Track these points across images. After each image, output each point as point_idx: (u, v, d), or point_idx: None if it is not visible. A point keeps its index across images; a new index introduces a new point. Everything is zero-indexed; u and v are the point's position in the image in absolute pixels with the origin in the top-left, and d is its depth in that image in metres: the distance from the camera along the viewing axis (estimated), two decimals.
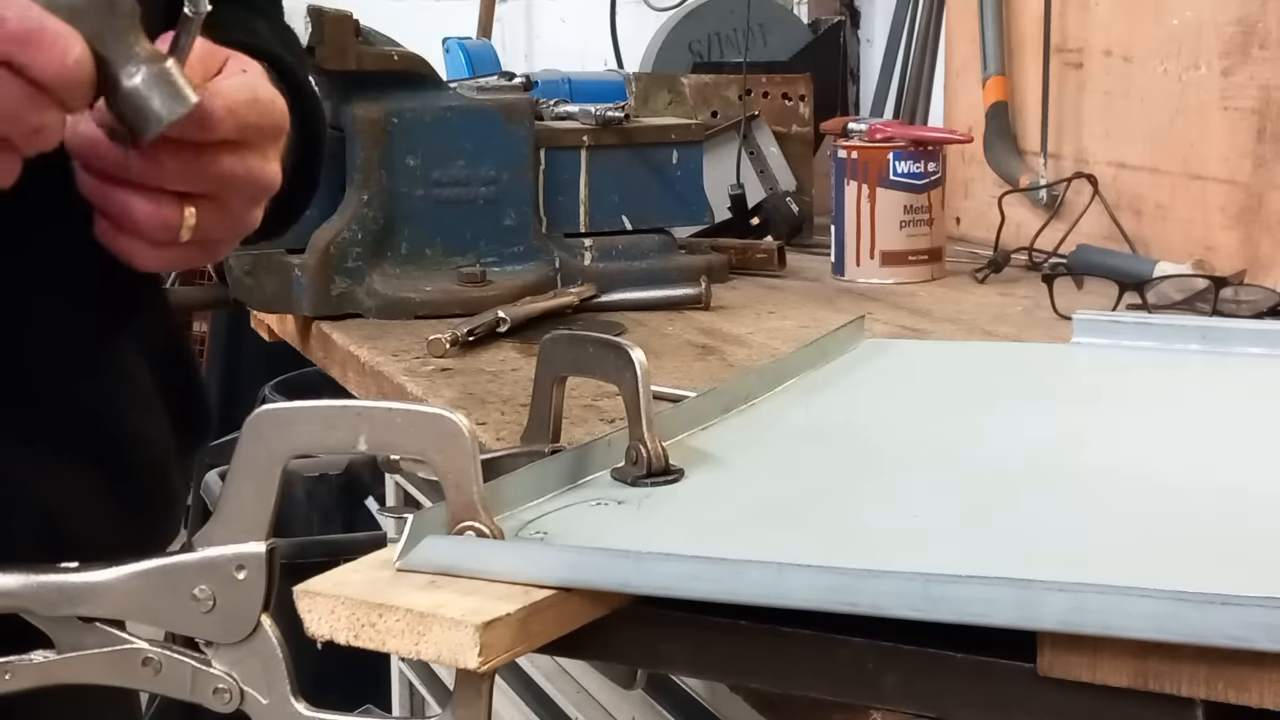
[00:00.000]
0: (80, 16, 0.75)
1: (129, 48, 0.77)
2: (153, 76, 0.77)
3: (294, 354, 1.83)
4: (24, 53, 0.73)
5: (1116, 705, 0.63)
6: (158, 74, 0.77)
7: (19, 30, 0.73)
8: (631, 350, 0.87)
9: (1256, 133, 1.72)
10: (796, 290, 1.82)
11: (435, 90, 1.71)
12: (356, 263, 1.65)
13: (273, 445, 0.71)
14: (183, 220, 0.82)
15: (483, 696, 0.68)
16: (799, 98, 2.20)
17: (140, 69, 0.77)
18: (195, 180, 0.82)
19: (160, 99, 0.77)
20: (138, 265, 0.84)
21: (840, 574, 0.66)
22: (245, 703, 0.71)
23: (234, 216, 0.85)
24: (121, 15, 0.77)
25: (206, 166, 0.82)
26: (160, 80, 0.77)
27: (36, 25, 0.73)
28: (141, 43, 0.77)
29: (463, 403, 1.30)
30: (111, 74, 0.77)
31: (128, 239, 0.83)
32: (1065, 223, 1.94)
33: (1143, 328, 1.17)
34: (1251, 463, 0.90)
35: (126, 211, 0.81)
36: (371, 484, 2.49)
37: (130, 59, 0.77)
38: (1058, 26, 2.05)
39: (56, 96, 0.74)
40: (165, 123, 0.77)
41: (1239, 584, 0.61)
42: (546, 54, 3.50)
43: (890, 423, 1.02)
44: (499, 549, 0.71)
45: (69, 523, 0.92)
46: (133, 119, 0.77)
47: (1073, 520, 0.81)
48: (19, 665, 0.73)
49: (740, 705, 0.94)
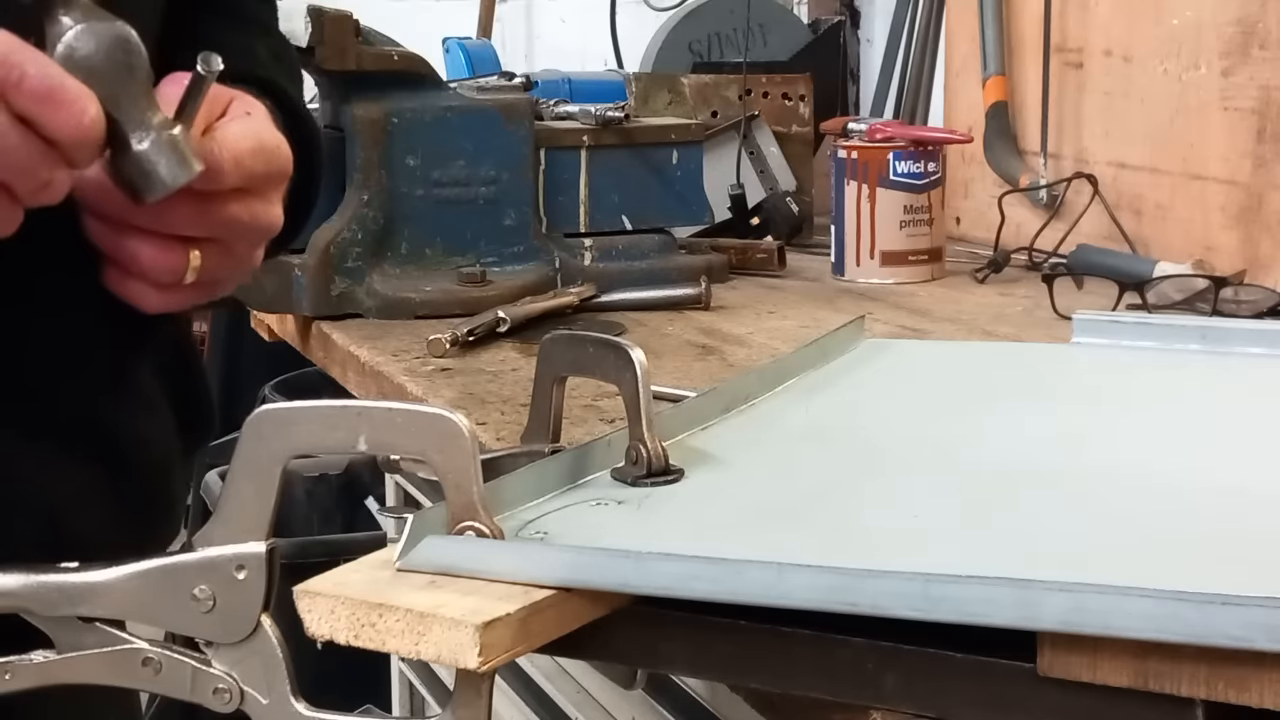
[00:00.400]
0: (97, 76, 0.77)
1: (141, 112, 0.78)
2: (161, 142, 0.79)
3: (294, 354, 1.83)
4: (43, 111, 0.74)
5: (1116, 705, 0.63)
6: (166, 141, 0.79)
7: (40, 88, 0.74)
8: (631, 350, 0.87)
9: (1256, 133, 1.72)
10: (796, 290, 1.82)
11: (435, 90, 1.71)
12: (356, 263, 1.65)
13: (273, 445, 0.71)
14: (188, 264, 0.84)
15: (483, 696, 0.68)
16: (799, 98, 2.20)
17: (150, 134, 0.78)
18: (200, 226, 0.84)
19: (166, 166, 0.79)
20: (143, 308, 0.86)
21: (840, 574, 0.66)
22: (245, 703, 0.71)
23: (237, 258, 0.88)
24: (136, 79, 0.78)
25: (213, 213, 0.84)
26: (168, 147, 0.79)
27: (58, 84, 0.74)
28: (153, 107, 0.79)
29: (463, 403, 1.29)
30: (121, 135, 0.78)
31: (134, 283, 0.85)
32: (1065, 223, 1.94)
33: (1143, 328, 1.17)
34: (1251, 463, 0.90)
35: (134, 257, 0.83)
36: (371, 484, 2.49)
37: (140, 124, 0.78)
38: (1058, 26, 2.05)
39: (67, 154, 0.76)
40: (168, 189, 0.79)
41: (1239, 584, 0.61)
42: (546, 54, 3.50)
43: (890, 423, 1.02)
44: (499, 549, 0.71)
45: (70, 522, 0.92)
46: (137, 181, 0.79)
47: (1073, 520, 0.81)
48: (19, 665, 0.73)
49: (740, 705, 0.94)
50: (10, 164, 0.74)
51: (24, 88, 0.73)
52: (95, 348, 0.94)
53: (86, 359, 0.94)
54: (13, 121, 0.74)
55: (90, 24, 0.77)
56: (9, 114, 0.74)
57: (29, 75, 0.74)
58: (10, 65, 0.73)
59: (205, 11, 1.00)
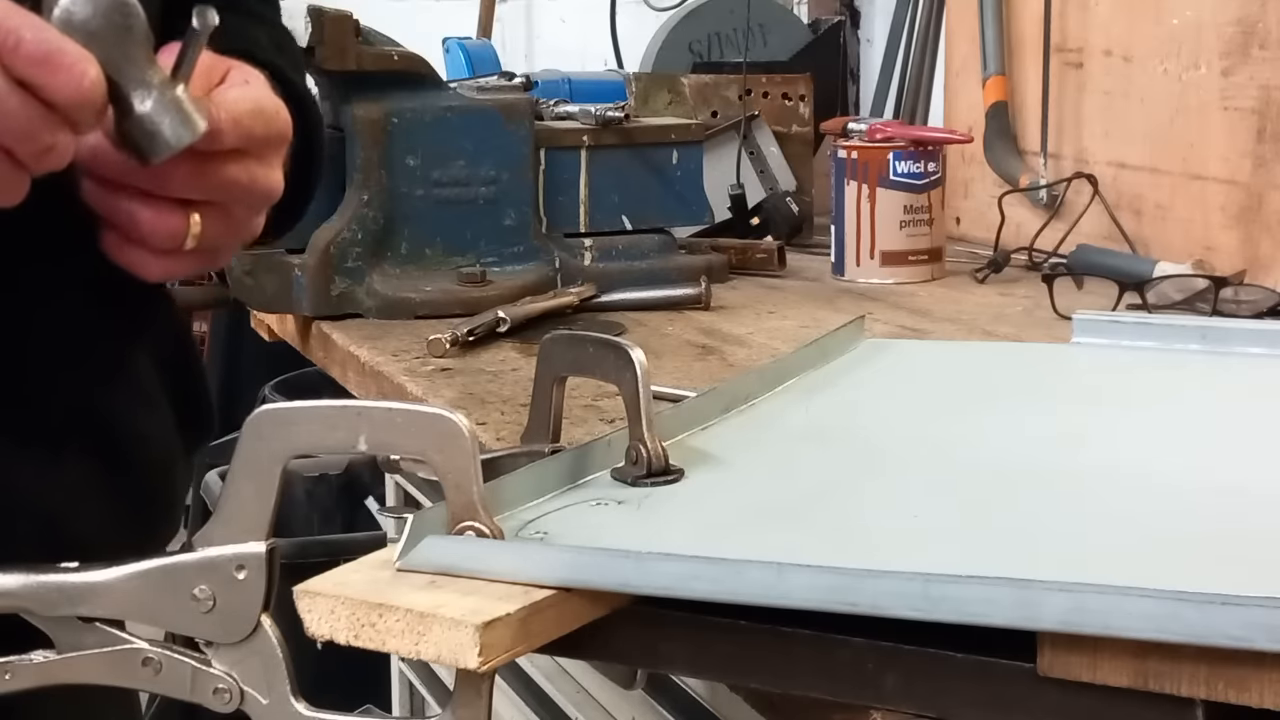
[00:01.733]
0: (96, 40, 0.76)
1: (141, 72, 0.78)
2: (164, 102, 0.78)
3: (294, 354, 1.83)
4: (41, 74, 0.74)
5: (1116, 705, 0.63)
6: (169, 100, 0.78)
7: (36, 52, 0.74)
8: (631, 350, 0.87)
9: (1256, 133, 1.72)
10: (796, 290, 1.82)
11: (435, 90, 1.71)
12: (356, 263, 1.65)
13: (273, 445, 0.71)
14: (188, 228, 0.83)
15: (483, 696, 0.68)
16: (799, 98, 2.20)
17: (152, 94, 0.78)
18: (200, 188, 0.83)
19: (170, 125, 0.78)
20: (143, 276, 0.85)
21: (840, 574, 0.66)
22: (245, 703, 0.71)
23: (237, 223, 0.87)
24: (136, 41, 0.78)
25: (211, 175, 0.83)
26: (171, 106, 0.78)
27: (55, 47, 0.74)
28: (154, 68, 0.79)
29: (463, 403, 1.30)
30: (123, 97, 0.78)
31: (134, 249, 0.84)
32: (1065, 223, 1.94)
33: (1143, 328, 1.17)
34: (1251, 463, 0.90)
35: (133, 220, 0.83)
36: (371, 484, 2.49)
37: (142, 84, 0.78)
38: (1058, 26, 2.05)
39: (69, 118, 0.75)
40: (173, 149, 0.79)
41: (1239, 584, 0.61)
42: (546, 54, 3.50)
43: (890, 423, 1.02)
44: (499, 549, 0.71)
45: (70, 523, 0.92)
46: (141, 143, 0.79)
47: (1073, 520, 0.81)
48: (19, 665, 0.73)
49: (740, 705, 0.94)
50: (11, 128, 0.74)
51: (21, 52, 0.73)
52: (90, 338, 0.94)
53: (81, 349, 0.94)
54: (12, 86, 0.73)
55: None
56: (8, 79, 0.73)
57: (25, 40, 0.73)
58: (6, 30, 0.73)
59: None
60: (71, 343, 0.93)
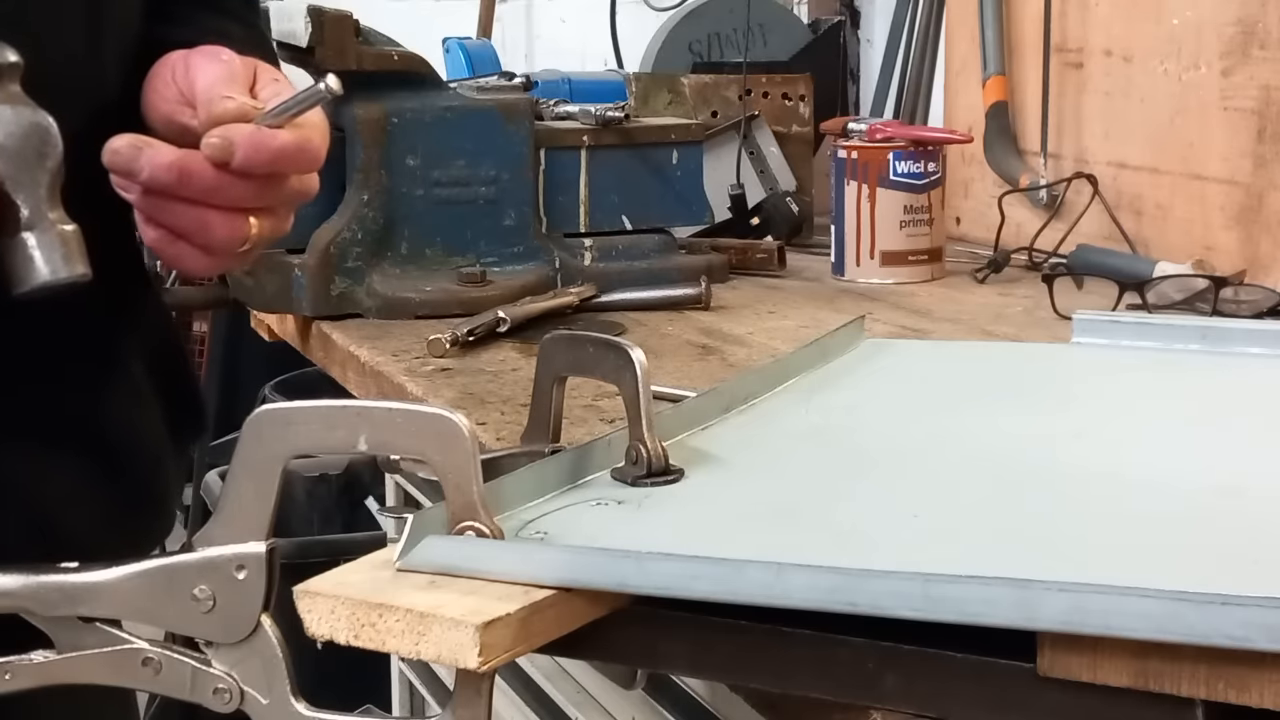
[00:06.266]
0: (5, 154, 0.78)
1: (41, 202, 0.79)
2: (52, 236, 0.79)
3: (294, 354, 1.83)
4: None
5: (1116, 705, 0.63)
6: (57, 235, 0.79)
7: None
8: (631, 350, 0.87)
9: (1256, 133, 1.72)
10: (796, 290, 1.82)
11: (435, 90, 1.71)
12: (356, 263, 1.65)
13: (273, 445, 0.71)
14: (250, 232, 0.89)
15: (483, 696, 0.68)
16: (799, 98, 2.20)
17: (43, 225, 0.78)
18: (269, 198, 0.89)
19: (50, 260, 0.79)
20: (188, 272, 0.91)
21: (840, 574, 0.66)
22: (245, 703, 0.71)
23: (282, 223, 0.93)
24: (46, 170, 0.79)
25: (280, 188, 0.89)
26: (58, 242, 0.79)
27: None
28: (54, 199, 0.79)
29: (463, 403, 1.29)
30: (14, 219, 0.78)
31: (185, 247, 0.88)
32: (1065, 223, 1.94)
33: (1143, 328, 1.17)
34: (1251, 463, 0.90)
35: (204, 228, 0.87)
36: (371, 484, 2.50)
37: (38, 212, 0.79)
38: (1058, 26, 2.05)
39: None
40: (45, 283, 0.79)
41: (1239, 584, 0.61)
42: (546, 54, 3.51)
43: (890, 423, 1.02)
44: (499, 549, 0.71)
45: (61, 520, 0.92)
46: (17, 268, 0.79)
47: (1072, 520, 0.81)
48: (19, 665, 0.73)
49: (740, 705, 0.94)
50: None
51: None
52: (79, 336, 0.94)
53: (70, 348, 0.94)
54: None
55: (15, 107, 0.79)
56: None
57: None
58: None
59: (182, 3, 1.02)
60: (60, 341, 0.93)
